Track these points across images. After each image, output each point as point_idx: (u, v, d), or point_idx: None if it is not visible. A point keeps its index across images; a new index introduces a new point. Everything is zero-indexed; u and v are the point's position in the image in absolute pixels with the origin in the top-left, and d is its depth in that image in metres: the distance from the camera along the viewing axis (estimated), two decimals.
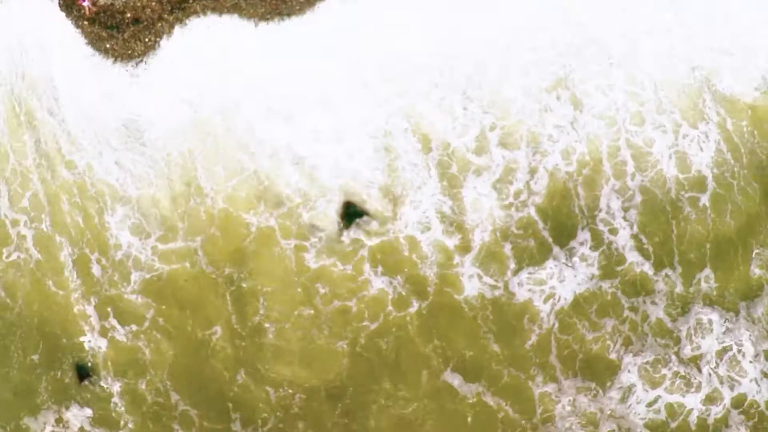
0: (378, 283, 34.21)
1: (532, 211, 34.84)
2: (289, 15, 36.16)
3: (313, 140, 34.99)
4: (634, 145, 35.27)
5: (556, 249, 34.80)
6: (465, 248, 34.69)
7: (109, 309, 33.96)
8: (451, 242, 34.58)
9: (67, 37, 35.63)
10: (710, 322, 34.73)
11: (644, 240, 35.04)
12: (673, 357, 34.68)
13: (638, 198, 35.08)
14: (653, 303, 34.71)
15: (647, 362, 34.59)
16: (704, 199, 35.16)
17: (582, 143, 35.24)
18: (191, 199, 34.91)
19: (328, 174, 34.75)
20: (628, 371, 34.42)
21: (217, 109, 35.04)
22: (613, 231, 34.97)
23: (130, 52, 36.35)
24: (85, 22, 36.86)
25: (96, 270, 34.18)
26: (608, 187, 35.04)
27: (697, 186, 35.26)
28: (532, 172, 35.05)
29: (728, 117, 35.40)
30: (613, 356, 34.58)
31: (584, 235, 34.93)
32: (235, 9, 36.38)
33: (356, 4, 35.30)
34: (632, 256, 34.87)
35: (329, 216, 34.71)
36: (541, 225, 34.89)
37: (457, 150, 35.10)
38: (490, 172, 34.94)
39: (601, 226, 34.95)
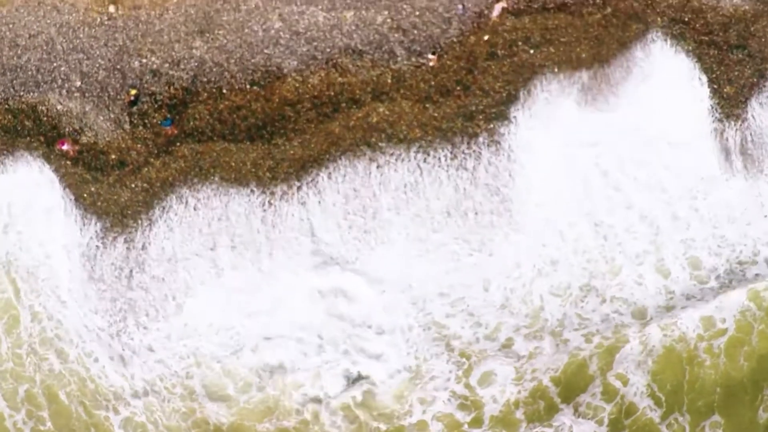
0: None
1: (545, 380, 33.89)
2: (278, 177, 34.00)
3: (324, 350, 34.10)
4: (663, 326, 34.18)
5: (564, 405, 34.01)
6: (477, 421, 33.81)
7: None
8: (463, 417, 33.72)
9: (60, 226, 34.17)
10: None
11: (656, 387, 34.14)
12: None
13: (657, 352, 34.14)
14: None
15: None
16: (720, 342, 34.21)
17: (609, 331, 34.24)
18: (197, 412, 33.72)
19: (343, 384, 33.89)
20: None
21: (223, 346, 33.74)
22: (626, 382, 34.02)
23: (115, 197, 34.35)
24: (68, 162, 34.77)
25: None
26: (628, 351, 34.20)
27: (717, 335, 34.27)
28: (551, 354, 34.15)
29: (760, 290, 34.40)
30: None
31: (595, 388, 34.04)
32: (226, 153, 34.12)
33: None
34: (644, 402, 34.03)
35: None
36: (552, 389, 33.97)
37: (481, 349, 34.11)
38: (511, 357, 34.02)
39: (612, 380, 34.04)
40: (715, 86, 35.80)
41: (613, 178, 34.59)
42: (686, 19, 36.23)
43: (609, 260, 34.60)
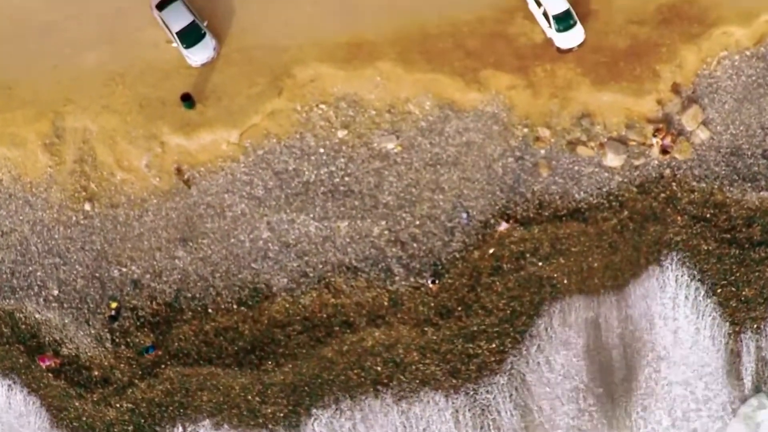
0: None
1: None
2: (268, 402, 32.19)
3: None
4: None
5: None
6: None
7: None
8: None
9: None
10: None
11: None
12: None
13: None
14: None
15: None
16: None
17: None
18: None
19: None
20: None
21: None
22: None
23: (101, 415, 32.95)
24: (50, 374, 33.16)
25: None
26: None
27: None
28: None
29: None
30: None
31: None
32: (213, 377, 32.16)
33: None
34: None
35: None
36: None
37: None
38: None
39: None
40: (734, 289, 33.58)
41: None
42: (708, 216, 33.56)
43: None
